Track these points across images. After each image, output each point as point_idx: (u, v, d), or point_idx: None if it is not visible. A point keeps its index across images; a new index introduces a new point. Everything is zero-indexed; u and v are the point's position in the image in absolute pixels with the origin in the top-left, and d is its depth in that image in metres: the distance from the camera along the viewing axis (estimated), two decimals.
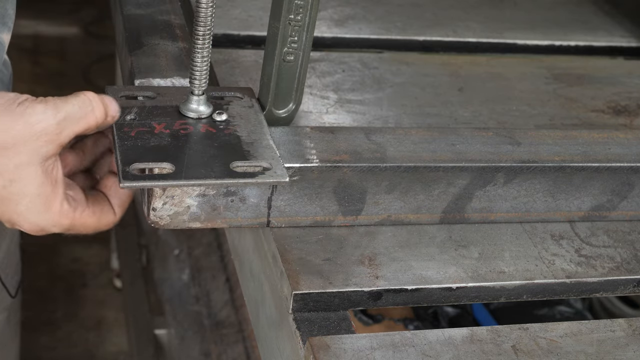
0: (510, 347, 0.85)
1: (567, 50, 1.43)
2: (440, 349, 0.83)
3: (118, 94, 0.94)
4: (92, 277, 2.99)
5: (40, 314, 2.82)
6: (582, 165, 0.99)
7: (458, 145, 0.98)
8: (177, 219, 0.90)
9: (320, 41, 1.32)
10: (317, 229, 0.95)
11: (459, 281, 0.91)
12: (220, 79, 1.12)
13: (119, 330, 2.79)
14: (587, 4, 1.59)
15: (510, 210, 1.00)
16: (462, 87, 1.24)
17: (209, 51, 0.90)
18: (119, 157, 0.85)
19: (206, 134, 0.90)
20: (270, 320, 0.94)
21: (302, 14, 0.92)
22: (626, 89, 1.30)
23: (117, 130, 0.88)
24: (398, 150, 0.95)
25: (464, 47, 1.39)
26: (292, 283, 0.87)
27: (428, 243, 0.96)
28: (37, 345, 2.71)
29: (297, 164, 0.90)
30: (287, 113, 0.98)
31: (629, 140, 1.04)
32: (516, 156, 0.98)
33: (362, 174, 0.93)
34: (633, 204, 1.04)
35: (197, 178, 0.84)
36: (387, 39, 1.36)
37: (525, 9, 1.52)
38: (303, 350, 0.83)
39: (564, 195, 1.01)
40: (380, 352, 0.82)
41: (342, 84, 1.18)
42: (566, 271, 0.95)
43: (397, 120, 1.12)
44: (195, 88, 0.91)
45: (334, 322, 0.87)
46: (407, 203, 0.96)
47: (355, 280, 0.89)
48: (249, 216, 0.92)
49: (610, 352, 0.87)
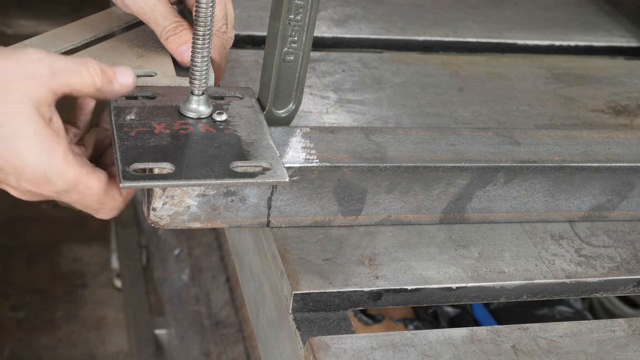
0: (510, 347, 0.85)
1: (567, 50, 1.43)
2: (440, 349, 0.83)
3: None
4: (92, 277, 2.99)
5: (40, 314, 2.82)
6: (582, 165, 0.99)
7: (458, 145, 0.98)
8: (177, 219, 0.90)
9: (320, 41, 1.32)
10: (317, 229, 0.95)
11: (459, 281, 0.91)
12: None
13: (119, 330, 2.79)
14: (587, 4, 1.59)
15: (510, 210, 1.00)
16: (462, 87, 1.24)
17: (209, 51, 0.90)
18: (119, 157, 0.85)
19: (206, 134, 0.90)
20: (270, 320, 0.94)
21: (302, 14, 0.92)
22: (626, 89, 1.30)
23: (117, 130, 0.88)
24: (398, 150, 0.95)
25: (464, 47, 1.39)
26: (292, 283, 0.87)
27: (428, 243, 0.96)
28: (37, 345, 2.71)
29: (297, 164, 0.91)
30: (287, 113, 0.98)
31: (629, 140, 1.04)
32: (516, 156, 0.98)
33: (362, 174, 0.93)
34: (633, 204, 1.04)
35: (197, 178, 0.84)
36: (387, 39, 1.36)
37: (525, 9, 1.52)
38: (303, 350, 0.83)
39: (564, 195, 1.01)
40: (380, 352, 0.82)
41: (342, 84, 1.18)
42: (566, 271, 0.95)
43: (397, 120, 1.12)
44: (195, 88, 0.91)
45: (334, 322, 0.87)
46: (407, 203, 0.96)
47: (355, 280, 0.89)
48: (249, 216, 0.92)
49: (610, 352, 0.87)
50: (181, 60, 1.00)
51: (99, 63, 0.85)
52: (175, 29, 0.99)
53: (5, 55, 0.81)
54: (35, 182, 0.83)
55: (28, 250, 3.02)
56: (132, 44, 1.05)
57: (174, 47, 0.99)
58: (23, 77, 0.81)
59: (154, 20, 1.00)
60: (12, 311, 2.81)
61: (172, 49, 1.00)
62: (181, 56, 0.99)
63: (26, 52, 0.82)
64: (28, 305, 2.84)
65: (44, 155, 0.82)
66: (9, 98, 0.80)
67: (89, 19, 1.10)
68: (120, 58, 1.03)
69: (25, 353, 2.69)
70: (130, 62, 1.02)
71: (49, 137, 0.82)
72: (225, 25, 1.03)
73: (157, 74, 1.01)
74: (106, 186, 0.87)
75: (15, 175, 0.83)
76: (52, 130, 0.83)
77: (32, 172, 0.82)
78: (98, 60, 1.00)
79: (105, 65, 0.86)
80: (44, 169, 0.82)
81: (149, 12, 1.00)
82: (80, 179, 0.84)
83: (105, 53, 1.03)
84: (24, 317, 2.80)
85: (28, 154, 0.81)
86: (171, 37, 0.99)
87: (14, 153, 0.81)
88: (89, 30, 1.07)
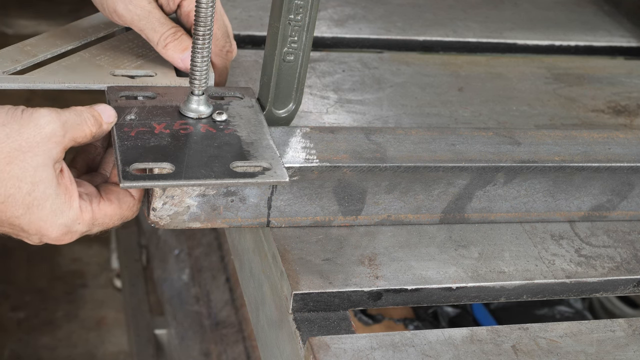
0: (510, 347, 0.85)
1: (567, 50, 1.43)
2: (440, 349, 0.83)
3: (118, 94, 0.94)
4: (92, 277, 2.99)
5: (40, 314, 2.82)
6: (582, 165, 0.99)
7: (458, 145, 0.98)
8: (177, 219, 0.90)
9: (320, 41, 1.32)
10: (317, 229, 0.95)
11: (459, 281, 0.91)
12: None
13: (119, 330, 2.79)
14: (587, 4, 1.59)
15: (510, 210, 1.00)
16: (462, 87, 1.24)
17: (209, 51, 0.90)
18: (119, 157, 0.85)
19: (206, 134, 0.90)
20: (270, 320, 0.94)
21: (302, 14, 0.92)
22: (626, 89, 1.30)
23: (117, 130, 0.88)
24: (398, 150, 0.95)
25: (464, 47, 1.39)
26: (292, 283, 0.87)
27: (428, 243, 0.96)
28: (37, 345, 2.71)
29: (297, 164, 0.91)
30: (287, 113, 0.98)
31: (629, 140, 1.04)
32: (516, 156, 0.98)
33: (362, 174, 0.93)
34: (633, 204, 1.04)
35: (197, 178, 0.84)
36: (387, 39, 1.36)
37: (525, 9, 1.52)
38: (303, 350, 0.83)
39: (564, 195, 1.01)
40: (380, 352, 0.82)
41: (342, 84, 1.18)
42: (566, 271, 0.95)
43: (397, 120, 1.12)
44: (195, 88, 0.91)
45: (334, 322, 0.87)
46: (407, 203, 0.96)
47: (355, 280, 0.89)
48: (249, 216, 0.92)
49: (610, 352, 0.87)
50: (184, 67, 0.99)
51: (89, 110, 0.87)
52: (175, 34, 0.98)
53: (24, 121, 0.82)
54: (58, 238, 0.87)
55: (28, 250, 3.01)
56: (132, 44, 1.05)
57: (175, 53, 0.98)
58: (44, 140, 0.82)
59: (151, 27, 0.98)
60: (12, 311, 2.81)
61: (173, 55, 0.99)
62: (184, 62, 0.98)
63: (42, 115, 0.83)
64: (28, 305, 2.84)
65: (65, 214, 0.85)
66: (35, 162, 0.82)
67: (89, 18, 1.10)
68: (120, 58, 1.03)
69: (25, 353, 2.69)
70: (130, 62, 1.02)
71: (63, 194, 0.85)
72: (228, 44, 1.02)
73: (157, 74, 1.01)
74: (119, 203, 0.89)
75: (38, 235, 0.87)
76: (65, 184, 0.85)
77: (57, 231, 0.86)
78: (98, 61, 1.00)
79: (92, 110, 0.88)
80: (66, 224, 0.86)
81: (145, 19, 0.98)
82: (95, 214, 0.88)
83: (105, 53, 1.03)
84: (24, 317, 2.80)
85: (53, 217, 0.85)
86: (171, 43, 0.98)
87: (41, 218, 0.84)
88: (89, 30, 1.08)
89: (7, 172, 0.81)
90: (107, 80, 0.98)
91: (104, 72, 1.00)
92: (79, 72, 0.99)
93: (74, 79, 0.98)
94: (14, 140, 0.81)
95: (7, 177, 0.81)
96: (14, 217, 0.83)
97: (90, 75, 0.99)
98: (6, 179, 0.81)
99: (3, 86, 0.96)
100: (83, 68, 1.00)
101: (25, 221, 0.84)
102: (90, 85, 0.98)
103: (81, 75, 0.99)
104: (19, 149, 0.81)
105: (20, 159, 0.81)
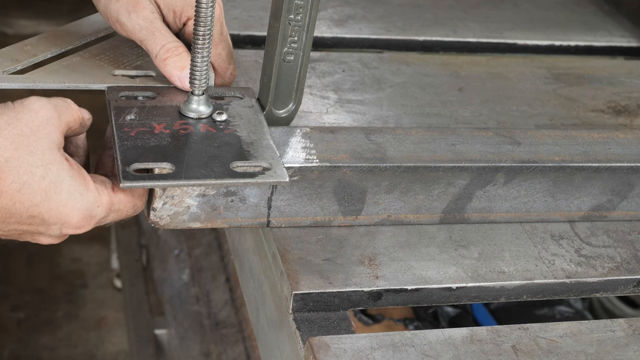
0: (510, 347, 0.85)
1: (567, 50, 1.43)
2: (440, 349, 0.83)
3: (118, 94, 0.94)
4: (92, 277, 2.99)
5: (40, 314, 2.82)
6: (582, 165, 0.99)
7: (458, 145, 0.98)
8: (177, 219, 0.90)
9: (320, 41, 1.32)
10: (317, 229, 0.95)
11: (459, 281, 0.91)
12: None
13: (119, 330, 2.79)
14: (587, 4, 1.59)
15: (510, 210, 1.00)
16: (462, 87, 1.24)
17: (209, 51, 0.90)
18: (119, 157, 0.85)
19: (206, 134, 0.90)
20: (270, 320, 0.94)
21: (302, 14, 0.92)
22: (626, 89, 1.30)
23: (117, 130, 0.88)
24: (398, 150, 0.95)
25: (464, 47, 1.39)
26: (292, 283, 0.87)
27: (428, 243, 0.96)
28: (37, 345, 2.71)
29: (297, 164, 0.91)
30: (287, 113, 0.98)
31: (629, 140, 1.04)
32: (516, 156, 0.98)
33: (362, 174, 0.93)
34: (633, 204, 1.04)
35: (197, 178, 0.84)
36: (387, 39, 1.36)
37: (525, 9, 1.52)
38: (303, 350, 0.83)
39: (564, 195, 1.01)
40: (380, 352, 0.82)
41: (342, 84, 1.18)
42: (566, 271, 0.95)
43: (397, 120, 1.12)
44: (195, 88, 0.91)
45: (334, 322, 0.87)
46: (407, 203, 0.96)
47: (355, 280, 0.89)
48: (249, 216, 0.92)
49: (610, 352, 0.87)
50: (181, 85, 0.96)
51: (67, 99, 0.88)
52: (177, 49, 0.96)
53: (18, 109, 0.82)
54: (79, 225, 0.84)
55: (28, 250, 3.01)
56: (132, 44, 1.05)
57: (174, 70, 0.96)
58: (43, 125, 0.82)
59: (151, 37, 0.96)
60: (12, 311, 2.81)
61: (172, 71, 0.96)
62: (181, 81, 0.96)
63: (32, 101, 0.83)
64: (28, 305, 2.84)
65: (84, 196, 0.84)
66: (41, 145, 0.82)
67: (89, 18, 1.10)
68: (120, 58, 1.03)
69: (25, 353, 2.69)
70: (130, 62, 1.02)
71: (77, 176, 0.84)
72: (232, 65, 1.01)
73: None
74: (131, 190, 0.88)
75: (59, 224, 0.84)
76: (75, 167, 0.84)
77: (78, 216, 0.84)
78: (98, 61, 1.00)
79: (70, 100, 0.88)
80: (86, 207, 0.84)
81: (146, 29, 0.96)
82: (112, 198, 0.86)
83: (105, 53, 1.03)
84: (24, 317, 2.80)
85: (73, 201, 0.83)
86: (171, 58, 0.96)
87: (60, 203, 0.82)
88: (89, 30, 1.08)
89: (17, 159, 0.80)
90: (107, 80, 0.98)
91: (104, 72, 1.00)
92: (79, 72, 0.99)
93: (74, 78, 0.98)
94: (14, 126, 0.81)
95: (17, 164, 0.80)
96: (33, 205, 0.81)
97: (90, 75, 0.99)
98: (17, 166, 0.80)
99: (3, 86, 0.96)
100: (83, 68, 1.00)
101: (45, 208, 0.82)
102: (91, 85, 0.98)
103: (81, 75, 0.99)
104: (22, 134, 0.81)
105: (26, 144, 0.81)
